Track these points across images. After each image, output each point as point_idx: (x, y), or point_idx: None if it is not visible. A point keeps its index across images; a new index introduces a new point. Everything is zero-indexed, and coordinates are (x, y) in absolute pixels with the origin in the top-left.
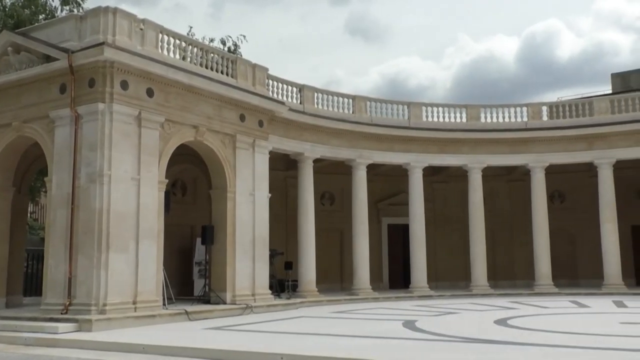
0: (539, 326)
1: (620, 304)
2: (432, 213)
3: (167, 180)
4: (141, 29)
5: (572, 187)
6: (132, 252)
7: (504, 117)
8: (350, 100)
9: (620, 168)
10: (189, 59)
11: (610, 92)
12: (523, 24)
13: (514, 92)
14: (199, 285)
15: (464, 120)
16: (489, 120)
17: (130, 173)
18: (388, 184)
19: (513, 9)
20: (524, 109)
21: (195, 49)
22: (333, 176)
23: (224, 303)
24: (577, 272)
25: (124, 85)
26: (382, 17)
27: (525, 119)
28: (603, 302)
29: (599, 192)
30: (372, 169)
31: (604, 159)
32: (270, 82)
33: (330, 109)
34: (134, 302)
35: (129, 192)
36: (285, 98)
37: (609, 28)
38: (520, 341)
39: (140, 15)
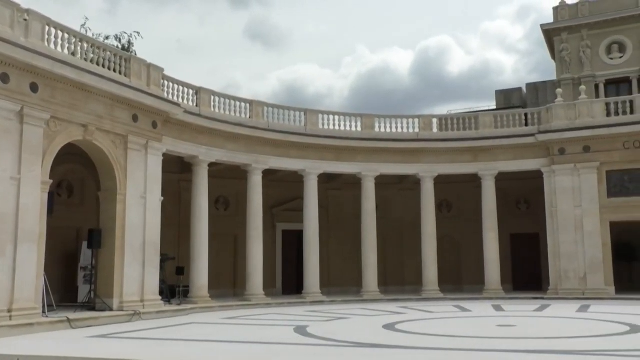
0: (424, 330)
1: (498, 308)
2: (326, 219)
3: (51, 181)
4: (25, 20)
5: (458, 196)
6: (10, 257)
7: (397, 128)
8: (248, 105)
9: (502, 180)
10: (79, 55)
11: (495, 107)
12: (418, 39)
13: (408, 103)
14: (84, 291)
15: (359, 129)
16: (383, 130)
17: (10, 172)
18: (284, 190)
19: (409, 23)
20: (416, 120)
21: (86, 45)
22: (228, 181)
23: (111, 310)
24: (461, 278)
25: (4, 78)
26: (282, 23)
27: (416, 130)
28: (483, 307)
29: (482, 202)
30: (268, 174)
31: (487, 171)
32: (166, 82)
33: (228, 112)
34: (9, 310)
35: (8, 193)
36: (181, 100)
37: (494, 48)
38: (406, 345)
39: (25, 5)
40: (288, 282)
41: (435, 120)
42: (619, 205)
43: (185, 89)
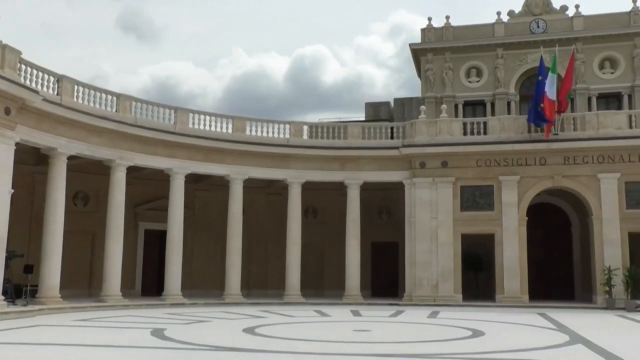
0: (283, 334)
1: (356, 313)
2: (191, 220)
3: None
4: None
5: (325, 203)
6: None
7: (268, 132)
8: (115, 98)
9: (367, 189)
10: None
11: (364, 119)
12: (294, 46)
13: (281, 109)
14: None
15: (231, 131)
16: (254, 133)
17: None
18: (148, 188)
19: (287, 30)
20: (287, 126)
21: None
22: (89, 175)
23: None
24: (323, 283)
25: None
26: (157, 18)
27: (287, 135)
28: (342, 312)
29: (346, 210)
30: (132, 171)
31: (353, 180)
32: (24, 67)
33: (92, 104)
34: None
35: None
36: (40, 87)
37: (367, 62)
38: (265, 349)
39: None
40: (148, 284)
41: (306, 127)
42: (470, 218)
43: (46, 76)
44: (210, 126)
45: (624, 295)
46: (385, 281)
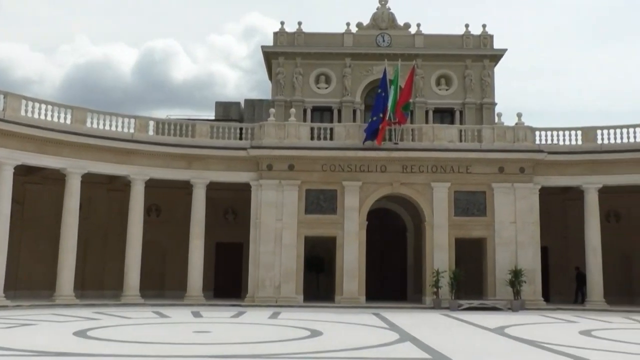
0: (118, 337)
1: (197, 315)
2: (20, 216)
3: None
4: None
5: (169, 202)
6: None
7: (111, 126)
8: None
9: (213, 189)
10: None
11: (214, 118)
12: (144, 38)
13: (128, 103)
14: None
15: (69, 122)
16: (95, 126)
17: None
18: None
19: (136, 20)
20: (132, 120)
21: None
22: None
23: None
24: (165, 284)
25: None
26: None
27: (132, 130)
28: (183, 313)
29: (192, 210)
30: None
31: (200, 179)
32: None
33: None
34: None
35: None
36: None
37: (220, 61)
38: (97, 352)
39: None
40: None
41: (152, 123)
42: (313, 221)
43: None
44: (46, 115)
45: (449, 295)
46: (229, 282)
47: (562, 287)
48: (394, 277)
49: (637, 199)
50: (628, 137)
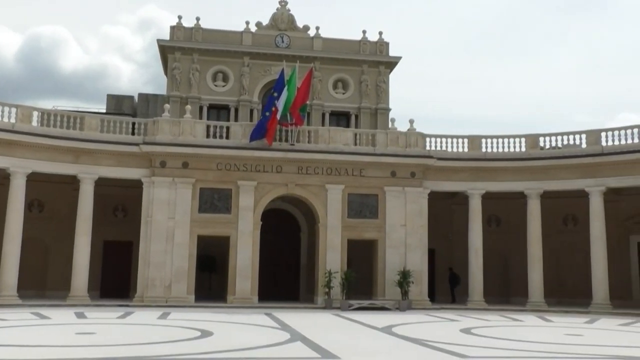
0: None
1: (81, 315)
2: None
3: None
4: None
5: (54, 197)
6: None
7: None
8: None
9: (103, 185)
10: None
11: (105, 111)
12: (29, 23)
13: (10, 91)
14: None
15: None
16: None
17: None
18: None
19: (23, 4)
20: (14, 109)
21: None
22: None
23: None
24: (46, 283)
25: None
26: None
27: (13, 120)
28: (66, 314)
29: (78, 206)
30: None
31: (88, 174)
32: None
33: None
34: None
35: None
36: None
37: (113, 53)
38: None
39: None
40: None
41: (36, 114)
42: (207, 220)
43: None
44: None
45: (340, 296)
46: (117, 282)
47: (447, 288)
48: (287, 278)
49: (515, 205)
50: (509, 147)
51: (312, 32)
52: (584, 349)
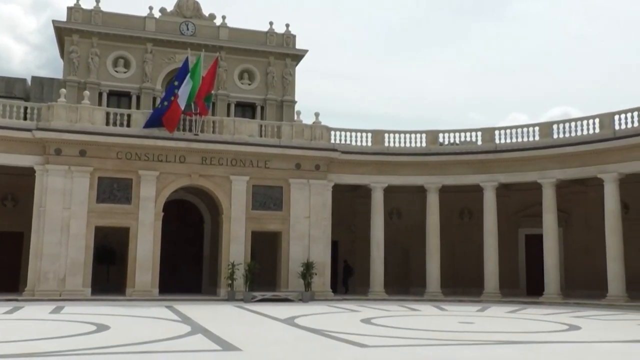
0: None
1: None
2: None
3: None
4: None
5: None
6: None
7: None
8: None
9: None
10: None
11: None
12: None
13: None
14: None
15: None
16: None
17: None
18: None
19: None
20: None
21: None
22: None
23: None
24: None
25: None
26: None
27: None
28: None
29: None
30: None
31: None
32: None
33: None
34: None
35: None
36: None
37: (4, 33)
38: None
39: None
40: None
41: None
42: (106, 210)
43: None
44: None
45: (243, 288)
46: (6, 275)
47: (341, 279)
48: (189, 270)
49: (415, 198)
50: (411, 142)
51: (218, 21)
52: (474, 335)
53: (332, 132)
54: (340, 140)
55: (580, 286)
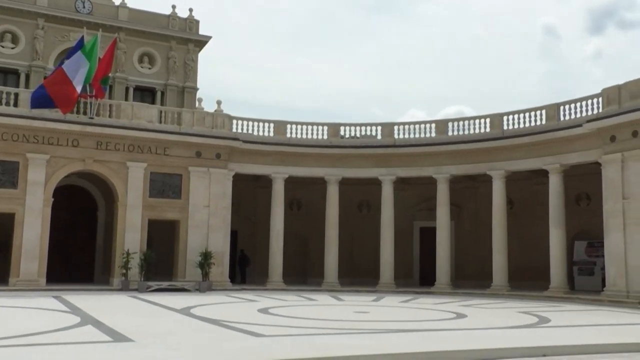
0: None
1: None
2: None
3: None
4: None
5: None
6: None
7: None
8: None
9: None
10: None
11: None
12: None
13: None
14: None
15: None
16: None
17: None
18: None
19: None
20: None
21: None
22: None
23: None
24: None
25: None
26: None
27: None
28: None
29: None
30: None
31: None
32: None
33: None
34: None
35: None
36: None
37: None
38: None
39: None
40: None
41: None
42: None
43: None
44: None
45: (139, 277)
46: None
47: (238, 268)
48: (81, 259)
49: (315, 189)
50: (312, 134)
51: (117, 1)
52: (369, 324)
53: (234, 121)
54: (242, 129)
55: (469, 277)
